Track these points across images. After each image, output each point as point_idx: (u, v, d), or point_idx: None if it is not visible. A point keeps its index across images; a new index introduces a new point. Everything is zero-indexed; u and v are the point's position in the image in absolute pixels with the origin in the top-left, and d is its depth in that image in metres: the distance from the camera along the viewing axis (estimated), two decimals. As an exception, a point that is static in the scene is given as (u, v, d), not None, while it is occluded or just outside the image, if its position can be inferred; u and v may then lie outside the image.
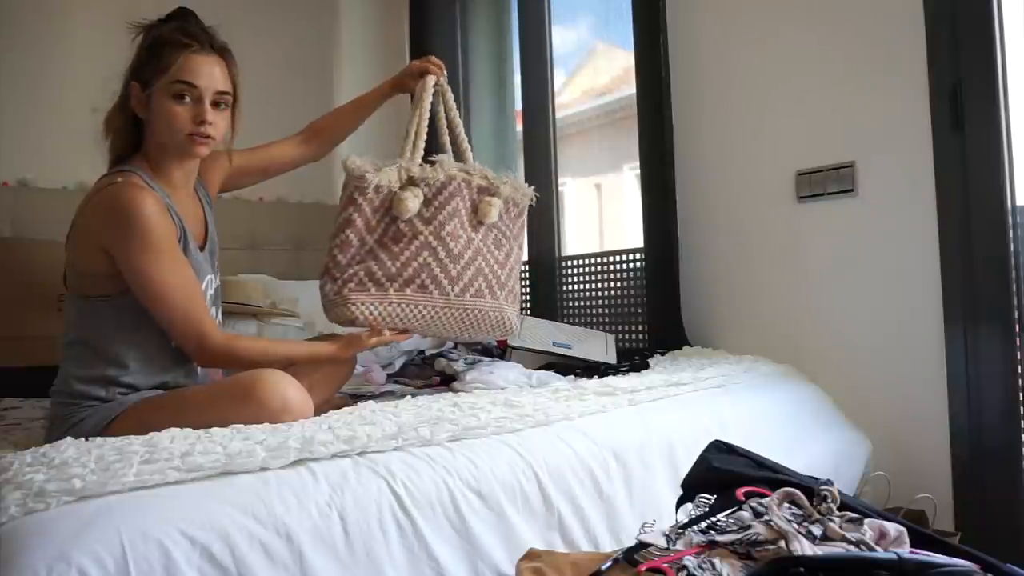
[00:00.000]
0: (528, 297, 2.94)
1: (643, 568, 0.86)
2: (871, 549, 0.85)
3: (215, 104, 1.40)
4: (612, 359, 2.03)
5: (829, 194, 1.98)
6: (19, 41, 2.58)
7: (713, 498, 1.02)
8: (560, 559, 0.99)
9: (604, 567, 0.89)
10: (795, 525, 0.89)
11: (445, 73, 1.76)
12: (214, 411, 1.26)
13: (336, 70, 3.43)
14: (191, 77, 1.36)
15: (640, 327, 2.48)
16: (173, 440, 1.08)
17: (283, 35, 3.20)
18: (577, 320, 2.72)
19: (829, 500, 0.94)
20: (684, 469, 1.16)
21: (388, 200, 1.54)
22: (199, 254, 1.47)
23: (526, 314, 2.15)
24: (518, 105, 3.03)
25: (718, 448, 1.13)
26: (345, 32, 3.46)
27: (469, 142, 1.74)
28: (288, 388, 1.29)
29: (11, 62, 2.56)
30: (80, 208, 1.38)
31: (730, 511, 0.95)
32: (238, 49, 1.49)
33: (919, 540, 0.90)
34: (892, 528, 0.90)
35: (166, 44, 1.37)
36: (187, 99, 1.37)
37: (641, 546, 0.91)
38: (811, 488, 0.97)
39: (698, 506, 1.02)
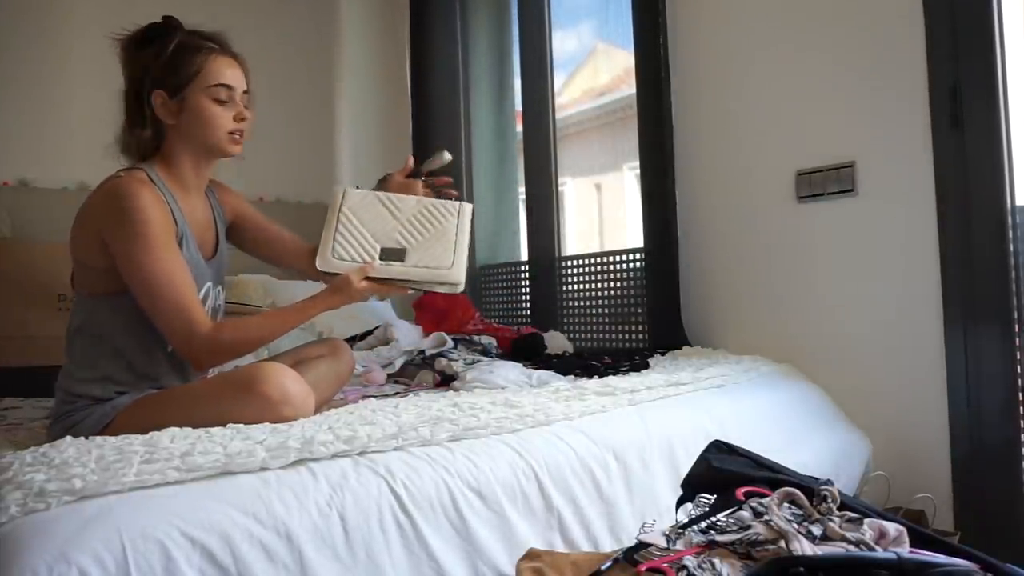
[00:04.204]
0: (528, 297, 2.94)
1: (643, 568, 0.86)
2: (871, 549, 0.85)
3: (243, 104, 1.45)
4: (458, 276, 1.50)
5: (829, 194, 1.98)
6: (19, 42, 2.58)
7: (713, 498, 1.02)
8: (560, 559, 0.99)
9: (604, 567, 0.89)
10: (795, 525, 0.89)
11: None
12: (215, 405, 1.26)
13: (336, 70, 3.43)
14: (227, 79, 1.41)
15: (640, 327, 2.48)
16: (173, 440, 1.09)
17: (283, 35, 3.21)
18: (577, 320, 2.72)
19: (829, 500, 0.94)
20: (684, 469, 1.16)
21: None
22: (201, 261, 1.46)
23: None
24: (518, 105, 3.03)
25: (718, 448, 1.13)
26: (345, 32, 3.46)
27: (469, 143, 1.71)
28: (288, 381, 1.29)
29: (11, 62, 2.56)
30: (84, 202, 1.39)
31: (730, 511, 0.95)
32: (238, 49, 1.49)
33: (919, 540, 0.90)
34: (892, 528, 0.90)
35: (189, 50, 1.39)
36: (225, 100, 1.41)
37: (641, 546, 0.91)
38: (811, 488, 0.97)
39: (698, 506, 1.02)
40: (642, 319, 2.46)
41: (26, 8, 2.60)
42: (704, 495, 1.03)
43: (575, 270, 2.74)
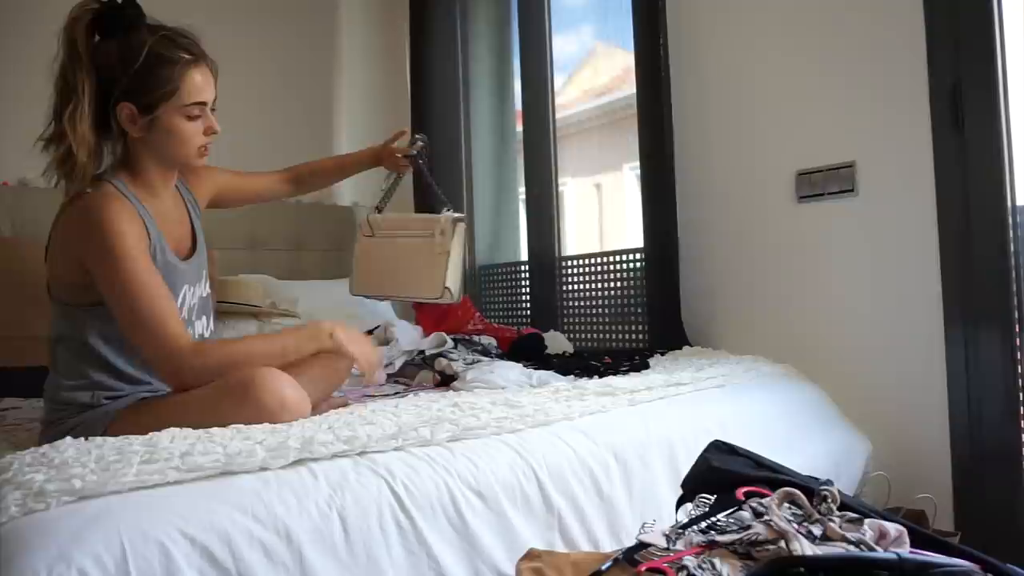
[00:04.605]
0: (528, 297, 2.94)
1: (643, 568, 0.86)
2: (871, 549, 0.85)
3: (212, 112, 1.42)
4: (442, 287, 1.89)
5: (829, 194, 1.98)
6: (18, 41, 2.58)
7: (713, 498, 1.02)
8: (560, 559, 0.99)
9: (604, 567, 0.89)
10: (795, 525, 0.89)
11: (419, 147, 1.95)
12: (211, 412, 1.24)
13: (336, 71, 3.43)
14: (202, 96, 1.37)
15: (640, 327, 2.48)
16: (173, 440, 1.08)
17: (283, 36, 3.20)
18: (577, 320, 2.72)
19: (829, 500, 0.94)
20: (684, 469, 1.16)
21: None
22: (179, 264, 1.44)
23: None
24: (518, 105, 3.03)
25: (718, 448, 1.13)
26: (345, 34, 3.46)
27: (469, 144, 1.80)
28: (285, 387, 1.27)
29: (10, 62, 2.55)
30: (55, 220, 1.36)
31: (730, 511, 0.95)
32: (237, 49, 1.49)
33: (919, 540, 0.90)
34: (892, 528, 0.90)
35: (163, 63, 1.32)
36: (198, 116, 1.38)
37: (641, 546, 0.91)
38: (811, 488, 0.97)
39: (698, 506, 1.02)
40: (642, 319, 2.46)
41: (26, 8, 2.60)
42: (704, 495, 1.03)
43: (575, 270, 2.74)
